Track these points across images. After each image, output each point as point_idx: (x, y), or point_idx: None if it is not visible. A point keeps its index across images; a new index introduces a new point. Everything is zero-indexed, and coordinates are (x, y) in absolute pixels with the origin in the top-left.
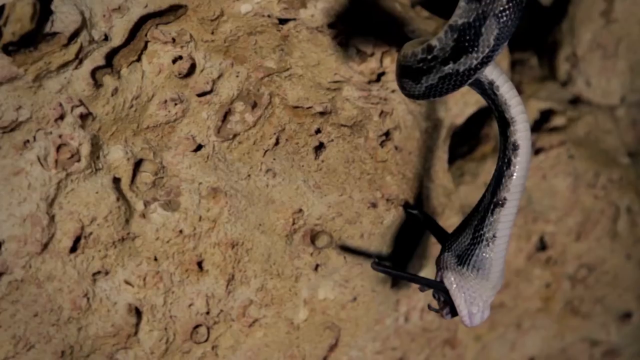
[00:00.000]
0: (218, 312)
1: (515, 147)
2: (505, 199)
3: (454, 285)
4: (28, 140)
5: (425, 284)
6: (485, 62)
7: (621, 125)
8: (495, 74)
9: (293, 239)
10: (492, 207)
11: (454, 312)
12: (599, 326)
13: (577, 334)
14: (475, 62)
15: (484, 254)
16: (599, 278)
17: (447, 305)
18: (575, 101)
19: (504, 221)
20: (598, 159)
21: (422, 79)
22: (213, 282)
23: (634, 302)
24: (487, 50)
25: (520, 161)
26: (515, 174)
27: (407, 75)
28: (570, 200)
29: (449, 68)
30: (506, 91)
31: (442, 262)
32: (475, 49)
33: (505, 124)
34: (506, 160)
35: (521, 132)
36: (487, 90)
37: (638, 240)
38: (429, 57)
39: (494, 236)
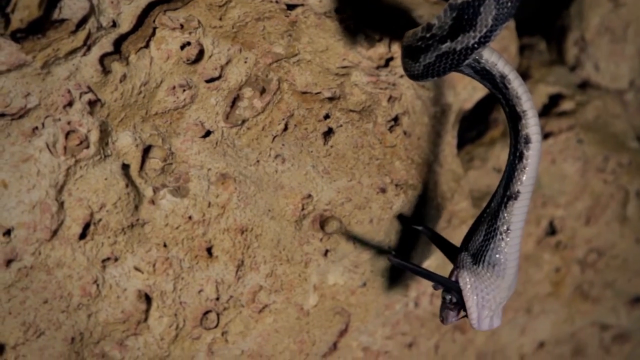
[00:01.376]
0: (228, 298)
1: (527, 140)
2: (518, 192)
3: (468, 286)
4: (37, 127)
5: (440, 281)
6: (482, 42)
7: (630, 109)
8: (507, 68)
9: (302, 225)
10: (505, 200)
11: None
12: (608, 310)
13: (587, 319)
14: (472, 41)
15: (498, 248)
16: (609, 262)
17: (457, 306)
18: (584, 85)
19: (517, 214)
20: (607, 143)
21: (420, 58)
22: (222, 268)
23: None
24: (484, 30)
25: (533, 154)
26: (527, 167)
27: (408, 54)
28: (580, 185)
29: (446, 46)
30: (518, 85)
31: (459, 262)
32: (473, 28)
33: (516, 118)
34: (518, 153)
35: (532, 126)
36: (498, 84)
37: None
38: (428, 35)
39: (507, 229)
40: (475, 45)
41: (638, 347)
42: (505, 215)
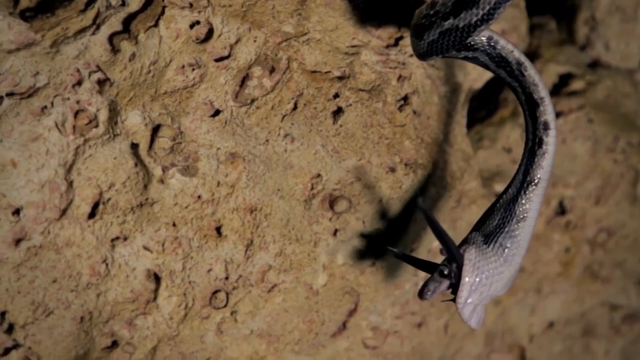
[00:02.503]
0: (237, 278)
1: (547, 127)
2: (539, 177)
3: (472, 262)
4: (46, 106)
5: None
6: (485, 20)
7: None
8: (523, 56)
9: (312, 204)
10: (525, 185)
11: (453, 290)
12: (618, 290)
13: (596, 299)
14: (475, 18)
15: (513, 233)
16: (619, 242)
17: (447, 280)
18: (594, 65)
19: (535, 201)
20: (617, 122)
21: (424, 35)
22: (232, 248)
23: None
24: (487, 7)
25: (552, 140)
26: (547, 153)
27: (414, 32)
28: (590, 165)
29: (449, 23)
30: (535, 72)
31: (469, 239)
32: (476, 5)
33: (534, 105)
34: (537, 140)
35: (550, 112)
36: (514, 72)
37: None
38: (431, 12)
39: (524, 216)
40: (478, 23)
41: None
42: (524, 201)
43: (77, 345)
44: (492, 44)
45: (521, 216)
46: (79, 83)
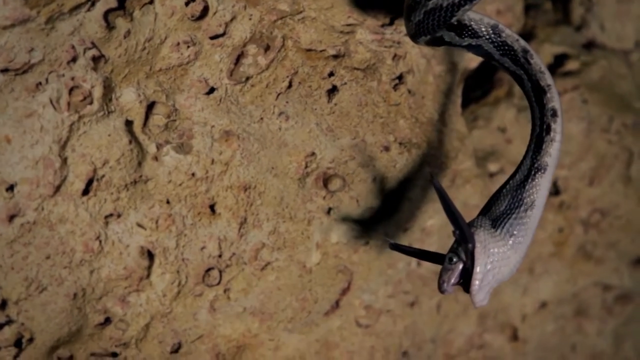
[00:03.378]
0: (230, 255)
1: (554, 113)
2: (547, 164)
3: (483, 244)
4: (40, 83)
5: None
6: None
7: (635, 69)
8: (528, 45)
9: (306, 183)
10: (533, 172)
11: (465, 280)
12: (611, 271)
13: (589, 279)
14: None
15: (520, 220)
16: (612, 223)
17: (460, 265)
18: (589, 45)
19: (543, 188)
20: (612, 103)
21: (412, 17)
22: (225, 225)
23: None
24: None
25: (559, 128)
26: (555, 140)
27: (405, 14)
28: (584, 145)
29: (432, 3)
30: (540, 60)
31: (476, 223)
32: None
33: (541, 92)
34: (545, 126)
35: (557, 100)
36: (519, 59)
37: None
38: None
39: (533, 204)
40: (462, 2)
41: None
42: (532, 187)
43: (70, 322)
44: (497, 32)
45: (529, 204)
46: (74, 60)
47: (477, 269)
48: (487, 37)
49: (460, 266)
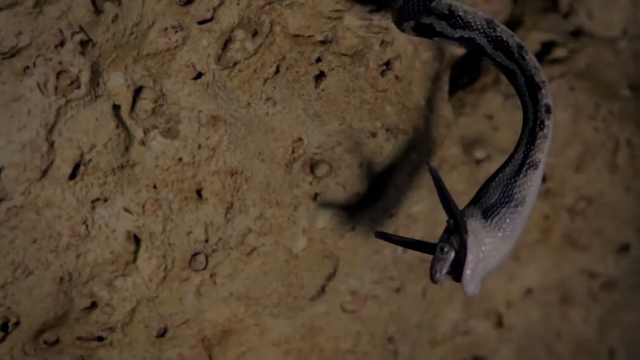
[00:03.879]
0: (217, 240)
1: (548, 110)
2: (539, 160)
3: (474, 234)
4: (28, 67)
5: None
6: None
7: (622, 57)
8: (523, 41)
9: (292, 168)
10: (525, 168)
11: (456, 269)
12: (597, 258)
13: (575, 266)
14: None
15: (511, 214)
16: (598, 210)
17: (451, 254)
18: (577, 33)
19: (534, 185)
20: (599, 91)
21: (394, 4)
22: (212, 210)
23: (632, 234)
24: None
25: (552, 123)
26: (547, 137)
27: (390, 2)
28: (571, 132)
29: None
30: (534, 57)
31: (467, 211)
32: None
33: (535, 87)
34: (539, 122)
35: (550, 96)
36: (514, 54)
37: (637, 172)
38: None
39: (524, 200)
40: None
41: (625, 295)
42: (524, 184)
43: (57, 306)
44: (492, 26)
45: (520, 200)
46: (62, 44)
47: (469, 257)
48: (481, 30)
49: (452, 255)
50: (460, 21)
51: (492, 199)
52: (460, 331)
